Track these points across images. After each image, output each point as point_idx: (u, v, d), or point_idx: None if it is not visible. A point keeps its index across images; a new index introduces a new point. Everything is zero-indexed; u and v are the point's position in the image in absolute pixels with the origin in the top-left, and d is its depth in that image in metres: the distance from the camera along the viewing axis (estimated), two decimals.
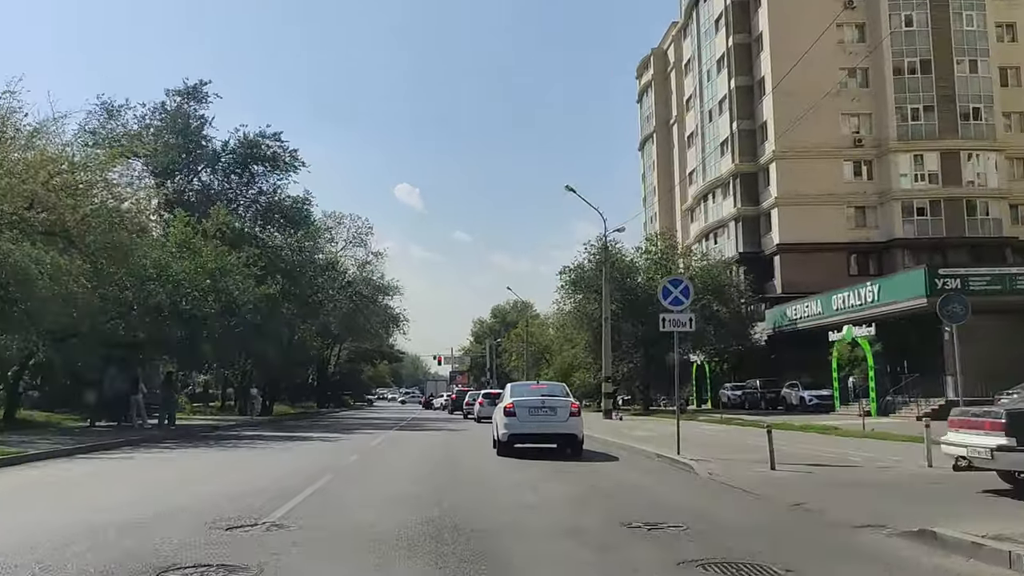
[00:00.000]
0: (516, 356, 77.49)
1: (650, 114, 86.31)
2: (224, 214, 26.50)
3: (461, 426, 31.90)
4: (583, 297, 45.69)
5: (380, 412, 56.72)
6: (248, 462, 15.15)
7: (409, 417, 43.11)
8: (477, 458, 15.63)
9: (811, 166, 49.41)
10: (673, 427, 16.72)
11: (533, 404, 15.85)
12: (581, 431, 16.02)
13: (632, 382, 44.30)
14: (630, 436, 21.78)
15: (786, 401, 42.56)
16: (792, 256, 49.23)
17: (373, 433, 25.10)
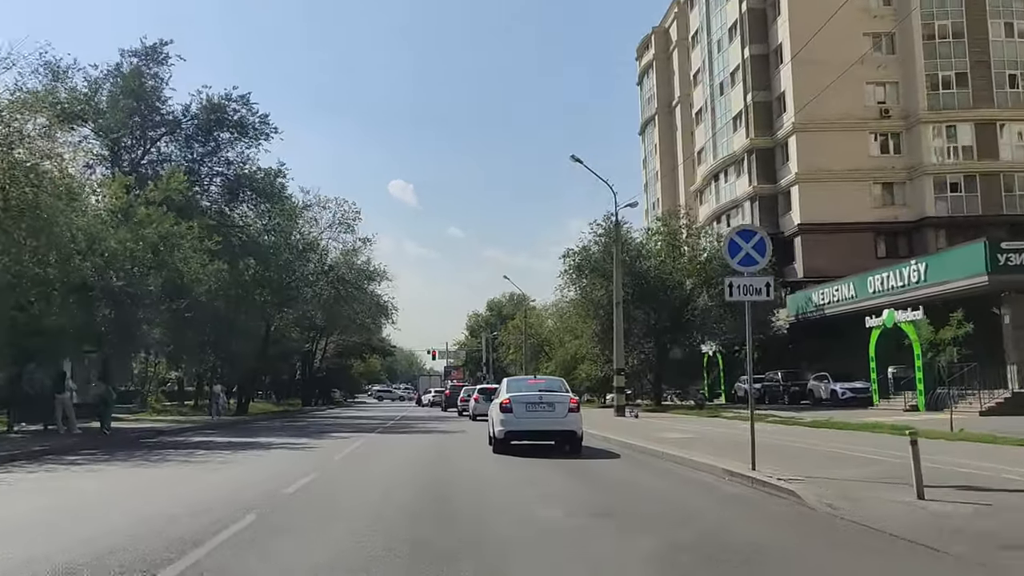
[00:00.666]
0: (514, 349, 73.42)
1: (651, 96, 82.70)
2: (179, 180, 22.29)
3: (455, 426, 27.90)
4: (589, 282, 41.65)
5: (368, 410, 52.60)
6: (154, 488, 11.04)
7: (397, 416, 39.06)
8: (477, 481, 11.55)
9: (833, 140, 45.46)
10: (708, 425, 13.05)
11: (530, 400, 15.17)
12: (580, 427, 15.41)
13: (643, 375, 40.32)
14: (662, 439, 17.75)
15: (813, 395, 38.65)
16: (814, 237, 45.30)
17: (349, 437, 21.04)
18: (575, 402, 15.71)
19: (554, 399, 15.36)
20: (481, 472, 12.44)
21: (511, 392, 15.80)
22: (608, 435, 19.86)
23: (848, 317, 36.33)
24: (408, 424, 29.63)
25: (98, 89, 30.39)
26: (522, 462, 13.69)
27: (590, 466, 13.29)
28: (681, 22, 71.74)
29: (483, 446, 16.99)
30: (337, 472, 12.49)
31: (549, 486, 10.55)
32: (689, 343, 41.00)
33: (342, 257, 42.85)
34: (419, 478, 11.53)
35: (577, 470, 12.69)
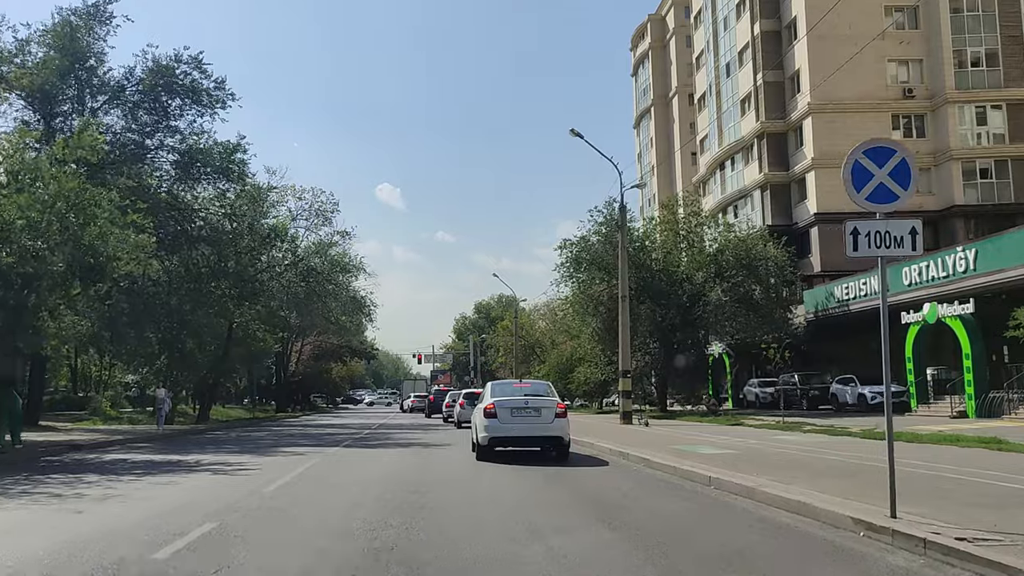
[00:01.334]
0: (504, 352, 69.45)
1: (647, 87, 79.39)
2: (93, 136, 18.12)
3: (437, 437, 23.91)
4: (588, 276, 37.72)
5: (346, 417, 48.45)
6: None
7: (374, 424, 34.95)
8: (461, 528, 7.58)
9: (852, 122, 41.67)
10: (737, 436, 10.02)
11: (516, 404, 14.73)
12: (568, 433, 14.98)
13: (647, 378, 36.42)
14: (698, 457, 13.84)
15: (837, 399, 34.83)
16: (832, 228, 41.43)
17: (305, 453, 16.97)
18: (562, 407, 15.09)
19: (540, 404, 14.78)
20: (467, 515, 8.45)
21: (495, 396, 15.09)
22: (626, 449, 15.94)
23: (877, 313, 32.52)
24: (384, 435, 25.57)
25: (25, 47, 26.26)
26: (518, 490, 9.79)
27: (629, 504, 9.33)
28: (679, 7, 68.37)
29: (469, 466, 13.17)
30: (254, 516, 8.41)
31: (579, 543, 6.64)
32: (698, 343, 37.11)
33: (314, 247, 38.53)
34: (375, 526, 7.50)
35: (612, 505, 8.80)
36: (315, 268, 37.07)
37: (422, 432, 27.22)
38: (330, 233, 43.31)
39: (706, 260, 35.62)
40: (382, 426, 32.84)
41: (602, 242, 36.71)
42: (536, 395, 15.51)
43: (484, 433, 14.67)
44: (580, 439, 19.93)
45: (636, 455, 14.87)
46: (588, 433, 23.32)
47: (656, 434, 22.35)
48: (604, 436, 21.37)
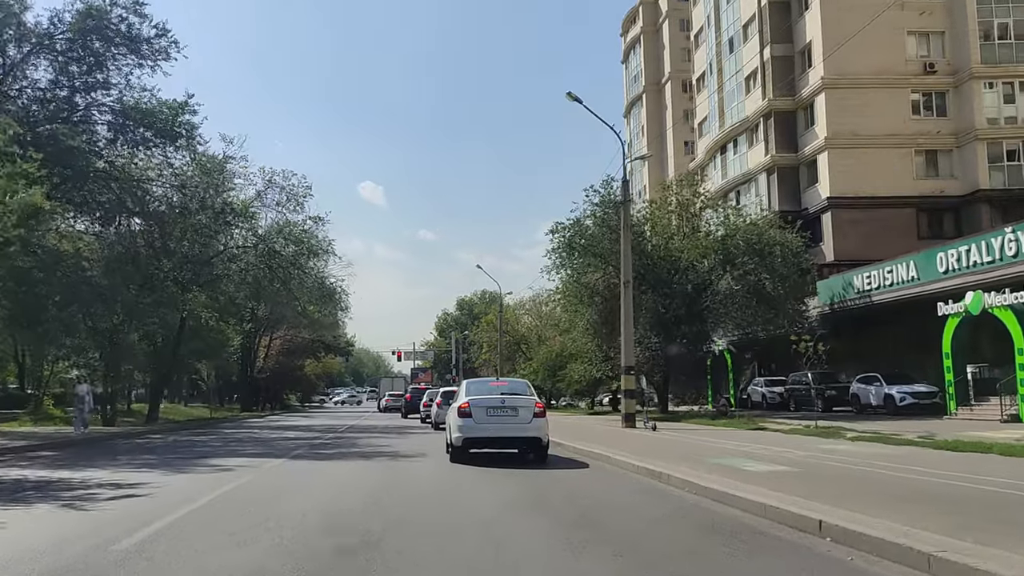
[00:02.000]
0: (487, 348, 65.70)
1: (637, 74, 76.30)
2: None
3: (411, 443, 20.23)
4: (583, 263, 34.04)
5: (316, 417, 44.53)
6: None
7: (343, 426, 31.15)
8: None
9: (868, 99, 38.47)
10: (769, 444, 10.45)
11: (492, 403, 13.96)
12: (546, 434, 14.25)
13: (651, 376, 32.82)
14: (752, 477, 10.15)
15: (859, 400, 31.40)
16: (846, 214, 38.20)
17: (236, 469, 13.21)
18: (541, 406, 14.43)
19: (518, 403, 14.10)
20: None
21: (471, 395, 14.45)
22: (654, 465, 12.32)
23: (906, 304, 29.27)
24: (349, 440, 21.81)
25: None
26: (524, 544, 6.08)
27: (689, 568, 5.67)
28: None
29: (443, 486, 9.64)
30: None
31: None
32: (703, 337, 33.55)
33: (276, 227, 34.50)
34: None
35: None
36: (278, 250, 33.03)
37: (394, 436, 23.47)
38: (302, 219, 39.46)
39: (713, 246, 32.06)
40: (351, 428, 29.07)
41: (599, 225, 33.05)
42: (514, 394, 14.67)
43: (458, 434, 13.87)
44: (587, 448, 16.36)
45: (675, 475, 11.20)
46: (590, 439, 19.72)
47: (672, 441, 18.77)
48: (612, 443, 17.78)
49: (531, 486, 10.85)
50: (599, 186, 32.92)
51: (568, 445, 17.74)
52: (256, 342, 51.12)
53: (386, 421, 37.87)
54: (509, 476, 11.92)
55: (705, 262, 32.30)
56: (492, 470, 12.73)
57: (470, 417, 13.77)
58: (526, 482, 11.30)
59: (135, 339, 29.65)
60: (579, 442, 18.44)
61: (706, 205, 34.44)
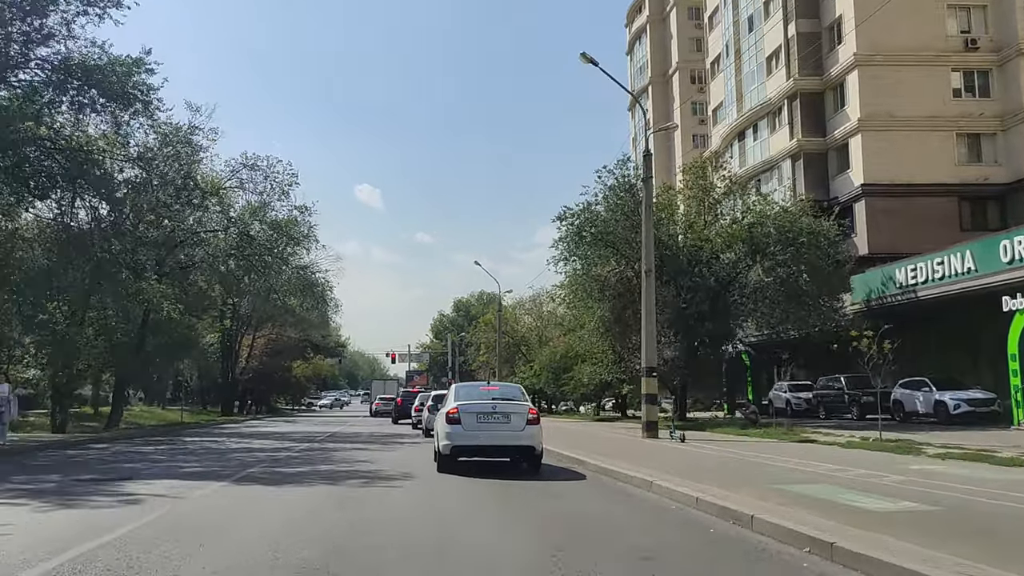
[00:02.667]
0: (485, 350, 62.28)
1: (643, 65, 73.35)
2: None
3: (397, 458, 16.84)
4: (594, 253, 30.64)
5: (298, 423, 40.98)
6: None
7: (324, 434, 27.65)
8: None
9: (905, 78, 35.11)
10: (859, 467, 8.50)
11: (482, 409, 13.12)
12: (540, 443, 13.35)
13: (669, 378, 29.38)
14: (888, 522, 6.63)
15: (903, 407, 27.98)
16: (881, 203, 34.80)
17: (147, 500, 9.71)
18: (534, 413, 13.41)
19: (510, 409, 13.17)
20: None
21: (460, 400, 13.52)
22: (708, 495, 8.92)
23: (959, 300, 25.93)
24: (322, 452, 18.33)
25: None
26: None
27: None
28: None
29: (425, 531, 6.11)
30: None
31: None
32: (728, 336, 30.15)
33: (249, 207, 30.72)
34: None
35: None
36: (252, 236, 29.41)
37: (378, 448, 20.03)
38: (288, 208, 35.93)
39: (739, 234, 28.66)
40: (332, 437, 25.57)
41: (612, 211, 29.67)
42: (506, 399, 13.79)
43: (446, 441, 13.09)
44: (613, 467, 13.04)
45: (765, 519, 7.76)
46: (612, 452, 16.40)
47: (712, 458, 15.35)
48: (640, 459, 14.43)
49: (550, 524, 7.46)
50: (613, 167, 29.59)
51: (590, 463, 14.36)
52: (238, 341, 47.59)
53: (373, 427, 34.39)
54: (516, 505, 8.55)
55: (730, 252, 28.93)
56: (488, 493, 9.45)
57: (459, 424, 12.91)
58: (540, 517, 7.88)
59: (90, 334, 26.13)
60: (599, 457, 15.09)
61: (731, 190, 30.94)
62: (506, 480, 11.95)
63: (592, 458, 15.07)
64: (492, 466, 13.46)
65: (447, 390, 25.87)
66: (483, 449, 13.20)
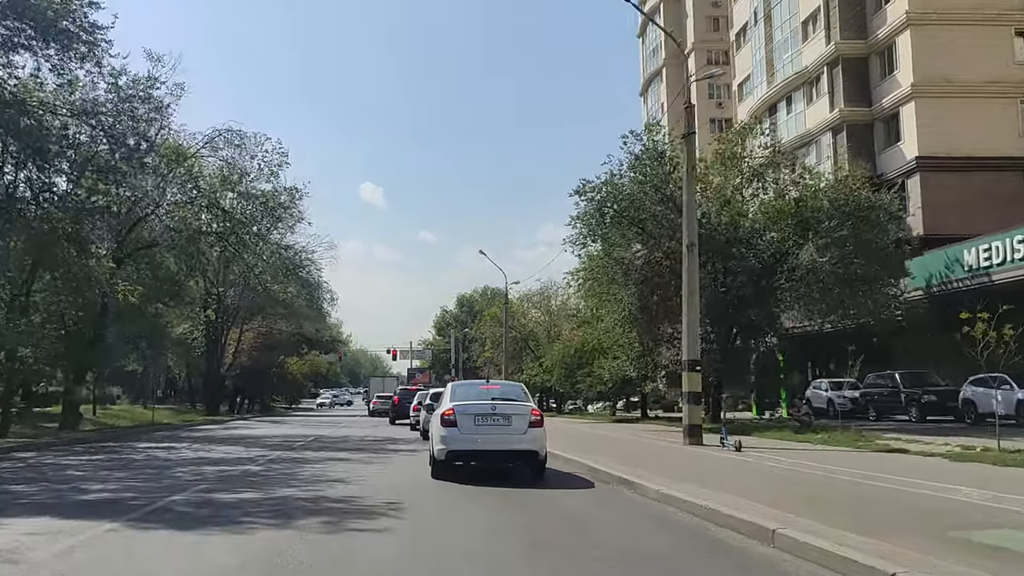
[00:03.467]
0: (491, 345, 58.51)
1: (656, 47, 69.83)
2: None
3: (393, 475, 13.43)
4: (616, 234, 26.89)
5: (286, 424, 37.20)
6: None
7: (307, 438, 23.90)
8: None
9: (962, 38, 31.30)
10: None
11: (481, 410, 12.06)
12: (544, 447, 12.30)
13: (706, 373, 25.65)
14: None
15: (975, 407, 24.17)
16: (937, 178, 30.97)
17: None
18: (538, 414, 12.25)
19: (511, 410, 12.09)
20: None
21: (457, 400, 12.46)
22: (860, 553, 5.16)
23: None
24: (295, 466, 14.62)
25: None
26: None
27: None
28: None
29: None
30: None
31: None
32: (772, 324, 26.38)
33: (220, 175, 26.70)
34: None
35: None
36: (224, 207, 25.52)
37: (365, 458, 16.38)
38: (278, 190, 32.17)
39: (787, 209, 24.88)
40: (316, 441, 21.89)
41: (639, 183, 25.93)
42: (506, 399, 12.54)
43: (441, 445, 11.93)
44: (678, 493, 9.21)
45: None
46: (655, 466, 12.74)
47: (794, 476, 11.61)
48: (700, 477, 10.74)
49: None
50: (640, 131, 25.81)
51: (642, 485, 10.62)
52: (224, 334, 43.89)
53: (368, 429, 30.68)
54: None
55: (775, 230, 25.14)
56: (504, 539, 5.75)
57: (455, 426, 11.91)
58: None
59: (37, 321, 22.46)
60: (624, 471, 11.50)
61: (773, 160, 27.09)
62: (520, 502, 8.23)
63: (636, 474, 11.52)
64: (497, 473, 12.13)
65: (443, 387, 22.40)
66: (481, 454, 12.16)
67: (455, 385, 14.57)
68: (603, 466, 13.22)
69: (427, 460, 13.09)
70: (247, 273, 29.73)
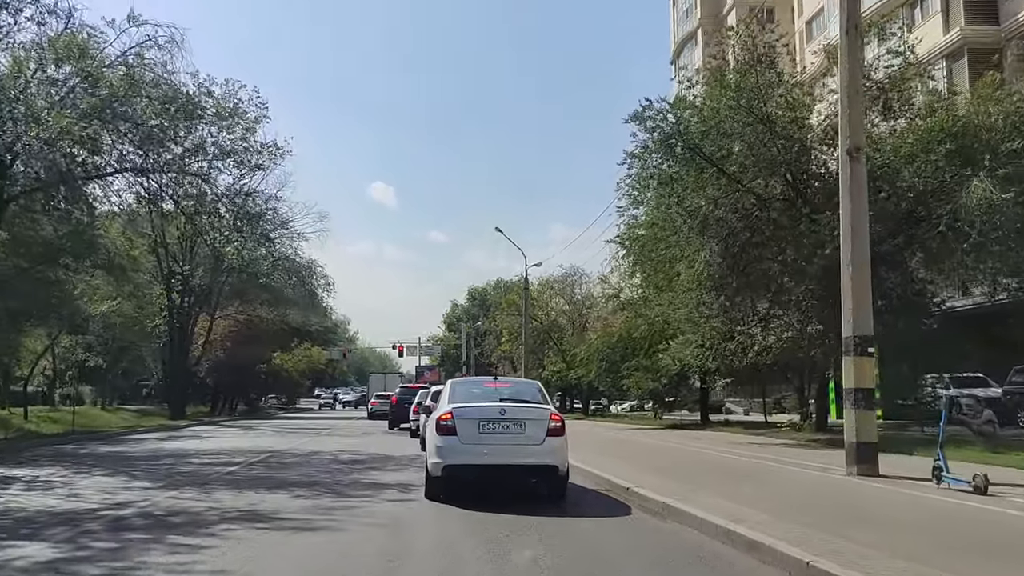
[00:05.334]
0: (508, 337, 51.22)
1: (690, 7, 62.93)
2: None
3: (362, 546, 5.68)
4: (687, 175, 19.65)
5: (258, 430, 29.83)
6: None
7: (253, 456, 16.46)
8: None
9: None
10: None
11: (486, 415, 9.77)
12: (565, 460, 9.86)
13: (824, 359, 18.37)
14: None
15: None
16: None
17: None
18: (558, 419, 9.87)
19: (524, 415, 9.81)
20: None
21: (457, 402, 10.18)
22: None
23: None
24: (207, 509, 7.37)
25: None
26: None
27: None
28: None
29: None
30: None
31: None
32: (921, 291, 18.99)
33: (124, 59, 19.21)
34: None
35: None
36: (138, 120, 18.02)
37: (322, 508, 9.19)
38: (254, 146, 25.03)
39: (944, 126, 17.48)
40: (263, 463, 14.72)
41: (730, 99, 18.72)
42: (519, 401, 10.18)
43: (436, 459, 9.69)
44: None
45: None
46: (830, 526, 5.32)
47: None
48: None
49: None
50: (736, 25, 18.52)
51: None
52: (192, 322, 36.78)
53: (354, 439, 23.46)
54: None
55: (923, 162, 17.69)
56: None
57: (453, 434, 9.55)
58: None
59: None
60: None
61: (906, 74, 19.64)
62: None
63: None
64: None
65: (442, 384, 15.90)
66: (488, 469, 9.60)
67: (455, 383, 11.78)
68: (763, 535, 6.29)
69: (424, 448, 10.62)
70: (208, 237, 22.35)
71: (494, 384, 11.37)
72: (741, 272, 18.66)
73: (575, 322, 48.98)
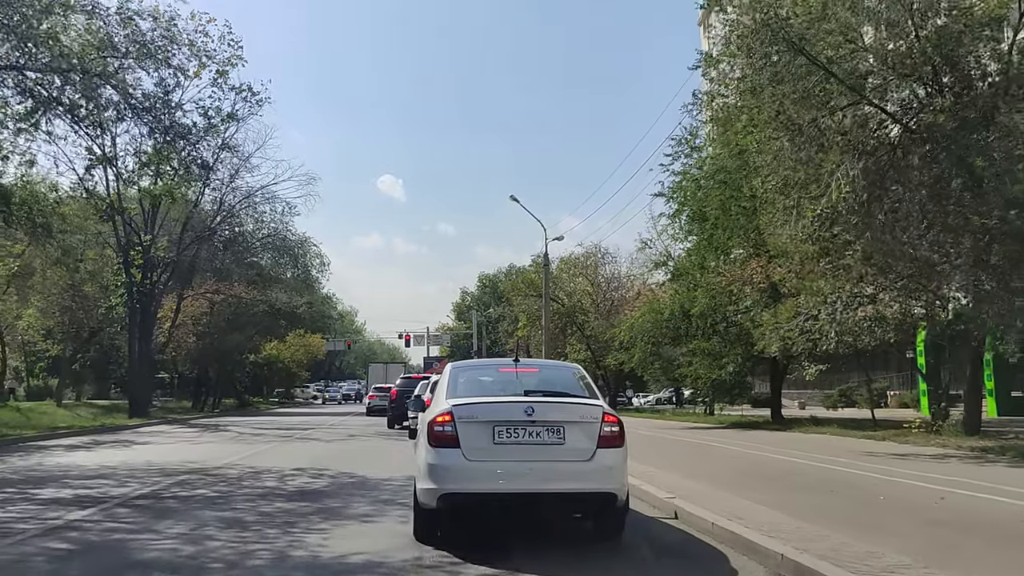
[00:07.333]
0: (526, 321, 45.39)
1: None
2: None
3: None
4: (788, 74, 13.85)
5: (203, 437, 24.07)
6: None
7: (200, 470, 10.67)
8: None
9: None
10: None
11: (504, 415, 6.26)
12: (624, 484, 6.52)
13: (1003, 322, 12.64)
14: None
15: None
16: None
17: None
18: (614, 420, 6.36)
19: (561, 414, 6.35)
20: None
21: (459, 397, 6.63)
22: None
23: None
24: None
25: None
26: None
27: None
28: None
29: None
30: None
31: None
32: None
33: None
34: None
35: None
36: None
37: None
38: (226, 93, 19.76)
39: None
40: (194, 481, 9.05)
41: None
42: (552, 394, 6.73)
43: (429, 483, 6.18)
44: None
45: None
46: None
47: None
48: None
49: None
50: None
51: None
52: (156, 302, 31.13)
53: (336, 444, 17.90)
54: None
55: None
56: None
57: (454, 446, 6.07)
58: None
59: None
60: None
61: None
62: None
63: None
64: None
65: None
66: (506, 499, 6.14)
67: (456, 368, 7.51)
68: None
69: None
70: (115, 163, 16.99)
71: (514, 369, 7.29)
72: (883, 189, 12.78)
73: (600, 305, 43.26)
